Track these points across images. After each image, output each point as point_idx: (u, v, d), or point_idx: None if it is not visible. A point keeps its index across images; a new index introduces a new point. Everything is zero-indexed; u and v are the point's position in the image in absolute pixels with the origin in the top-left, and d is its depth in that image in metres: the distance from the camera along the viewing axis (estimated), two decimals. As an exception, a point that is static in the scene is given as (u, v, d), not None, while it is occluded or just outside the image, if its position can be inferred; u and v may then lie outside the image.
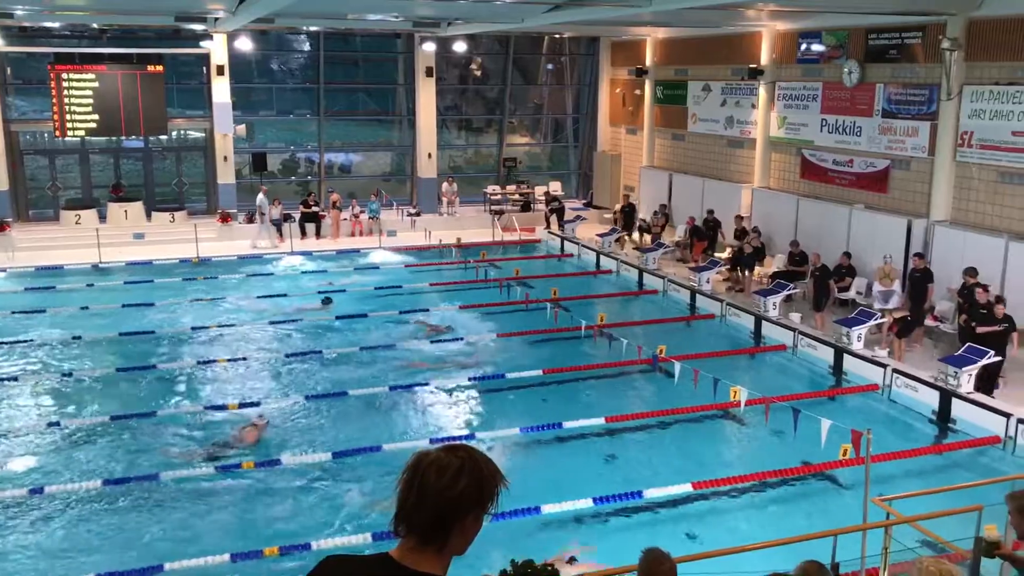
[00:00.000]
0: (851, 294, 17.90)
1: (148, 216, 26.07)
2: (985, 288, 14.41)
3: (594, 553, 9.21)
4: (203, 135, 27.69)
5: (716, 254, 21.79)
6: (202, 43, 25.50)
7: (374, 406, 13.77)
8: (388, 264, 23.44)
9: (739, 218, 21.64)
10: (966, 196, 16.90)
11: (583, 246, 24.52)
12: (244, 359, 15.88)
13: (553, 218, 26.84)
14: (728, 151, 24.01)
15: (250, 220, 26.12)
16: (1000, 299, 13.61)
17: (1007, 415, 12.44)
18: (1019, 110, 15.63)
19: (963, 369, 13.25)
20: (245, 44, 25.99)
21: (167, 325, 17.81)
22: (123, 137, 26.56)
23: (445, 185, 28.37)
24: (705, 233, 22.48)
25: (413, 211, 27.61)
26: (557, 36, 29.73)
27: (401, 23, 24.24)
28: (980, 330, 13.64)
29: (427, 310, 18.97)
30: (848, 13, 18.29)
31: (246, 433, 12.45)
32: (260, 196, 25.34)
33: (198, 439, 12.58)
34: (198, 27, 23.64)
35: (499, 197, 29.01)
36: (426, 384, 14.61)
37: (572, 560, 8.97)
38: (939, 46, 16.52)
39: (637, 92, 28.08)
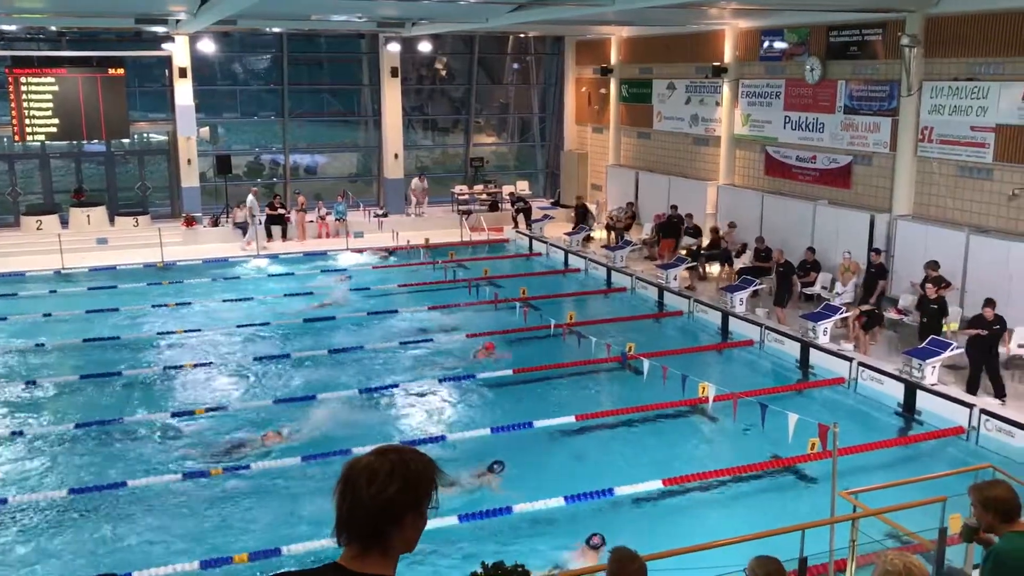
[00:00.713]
0: (816, 289, 18.08)
1: (111, 221, 25.75)
2: (939, 286, 14.60)
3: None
4: (166, 138, 27.40)
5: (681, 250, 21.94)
6: (164, 45, 25.22)
7: (344, 408, 13.70)
8: (357, 265, 23.35)
9: (728, 224, 21.81)
10: (927, 191, 17.14)
11: (551, 245, 24.57)
12: (210, 363, 15.74)
13: (520, 218, 26.86)
14: (693, 149, 24.16)
15: (214, 223, 25.91)
16: (990, 301, 13.40)
17: (970, 406, 12.63)
18: (977, 105, 15.87)
19: (927, 361, 13.44)
20: (208, 46, 25.73)
21: (133, 330, 17.60)
22: (84, 141, 26.23)
23: (415, 182, 28.25)
24: (672, 230, 22.60)
25: (380, 212, 27.52)
26: (522, 36, 29.76)
27: (365, 24, 24.14)
28: (964, 333, 13.70)
29: (396, 311, 18.93)
30: (809, 10, 18.47)
31: (267, 439, 12.48)
32: (250, 197, 25.47)
33: (202, 443, 12.52)
34: (159, 29, 23.39)
35: (467, 197, 28.98)
36: (396, 386, 14.56)
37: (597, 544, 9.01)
38: (898, 43, 16.73)
39: (602, 91, 28.18)
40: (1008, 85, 15.31)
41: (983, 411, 12.46)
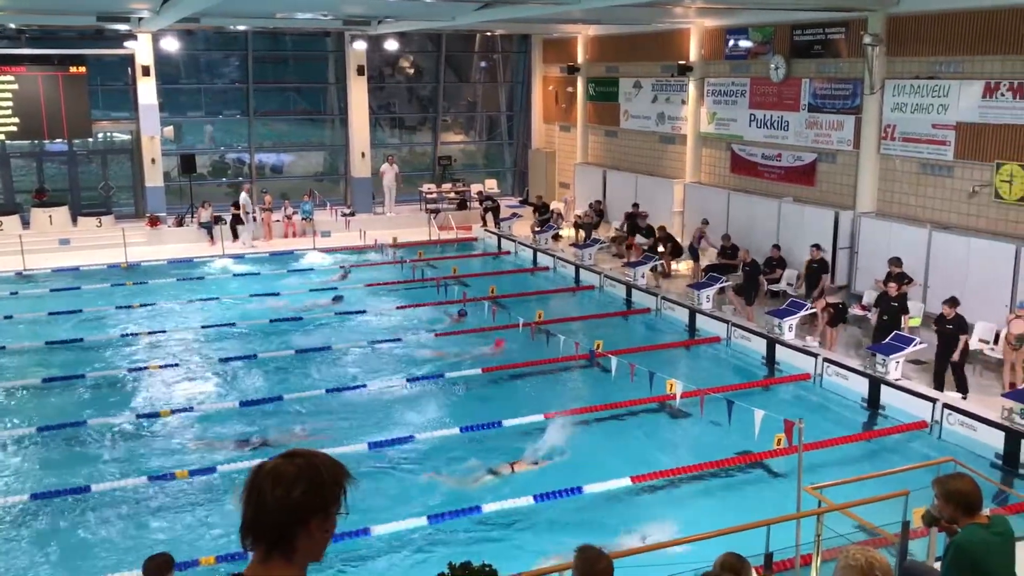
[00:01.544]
0: (782, 285, 18.24)
1: (74, 221, 25.40)
2: (901, 283, 14.80)
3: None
4: (129, 137, 27.08)
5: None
6: (126, 43, 24.91)
7: (311, 410, 13.62)
8: (322, 266, 23.22)
9: (701, 221, 21.89)
10: (890, 188, 17.34)
11: (520, 243, 24.58)
12: (176, 364, 15.58)
13: (489, 216, 26.84)
14: (660, 147, 24.27)
15: (179, 223, 25.65)
16: (950, 300, 13.51)
17: (933, 400, 12.81)
18: (939, 103, 16.08)
19: (891, 356, 13.60)
20: (171, 44, 25.47)
21: (97, 332, 17.36)
22: (46, 140, 25.86)
23: (386, 166, 28.06)
24: (639, 228, 22.69)
25: (347, 211, 27.38)
26: (489, 34, 29.75)
27: (331, 22, 24.01)
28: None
29: (364, 311, 18.86)
30: (773, 9, 18.62)
31: (291, 436, 12.61)
32: (243, 195, 25.44)
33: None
34: (121, 27, 23.09)
35: (435, 196, 28.92)
36: (364, 386, 14.49)
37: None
38: (861, 41, 16.91)
39: (569, 89, 28.23)
40: (968, 83, 15.53)
41: (946, 405, 12.63)
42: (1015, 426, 11.71)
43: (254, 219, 25.47)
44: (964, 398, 13.05)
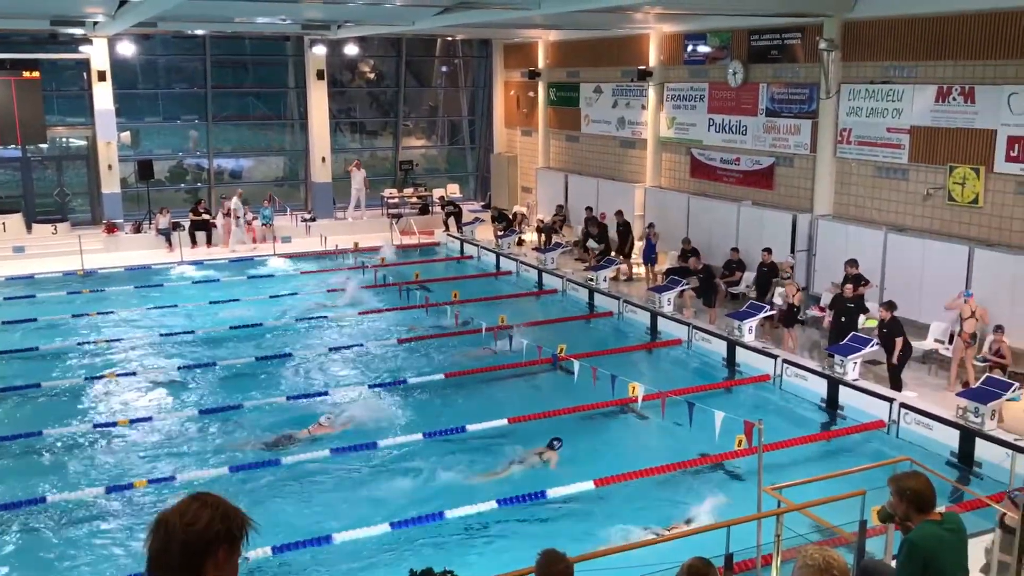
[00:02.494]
0: (741, 288, 18.42)
1: (28, 228, 24.96)
2: (858, 284, 15.04)
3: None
4: (85, 143, 26.68)
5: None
6: (81, 48, 24.55)
7: (272, 418, 13.50)
8: (282, 271, 23.04)
9: (648, 225, 22.01)
10: (847, 191, 17.58)
11: (483, 248, 24.58)
12: (134, 374, 15.37)
13: (451, 221, 26.81)
14: (621, 151, 24.40)
15: (137, 230, 25.34)
16: (888, 304, 13.92)
17: (890, 400, 13.01)
18: (893, 107, 16.34)
19: (848, 357, 13.79)
20: (127, 48, 25.15)
21: (53, 340, 17.08)
22: (-2, 146, 25.42)
23: (353, 169, 27.95)
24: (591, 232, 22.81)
25: (308, 216, 27.21)
26: (449, 38, 29.73)
27: (290, 26, 23.87)
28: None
29: (325, 316, 18.74)
30: (730, 15, 18.81)
31: (316, 430, 12.78)
32: (235, 200, 25.35)
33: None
34: (76, 31, 22.78)
35: (397, 200, 28.84)
36: (326, 393, 14.40)
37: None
38: (817, 47, 17.14)
39: (531, 94, 28.30)
40: (921, 88, 15.80)
41: (903, 405, 12.83)
42: (969, 425, 11.93)
43: (247, 223, 25.34)
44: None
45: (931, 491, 5.14)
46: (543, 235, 24.47)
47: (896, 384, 13.52)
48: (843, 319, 14.76)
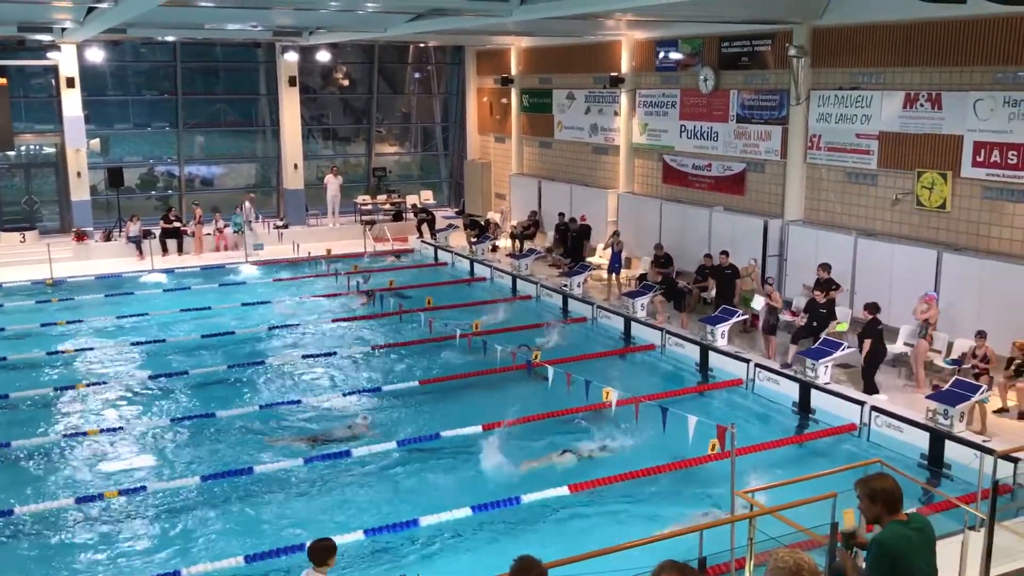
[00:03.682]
0: (712, 293, 18.47)
1: (-5, 236, 24.70)
2: (829, 289, 15.20)
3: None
4: (54, 150, 26.39)
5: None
6: (49, 54, 24.31)
7: (244, 427, 13.41)
8: (254, 279, 22.90)
9: (612, 233, 22.03)
10: (817, 196, 17.74)
11: (456, 254, 24.57)
12: (104, 383, 15.20)
13: (424, 228, 26.76)
14: (594, 157, 24.49)
15: (107, 238, 25.10)
16: (868, 306, 14.18)
17: (861, 403, 13.12)
18: (862, 113, 16.52)
19: (820, 361, 13.90)
20: (97, 55, 24.93)
21: (21, 350, 16.86)
22: (-35, 154, 25.09)
23: (330, 177, 27.85)
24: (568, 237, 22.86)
25: (280, 223, 27.06)
26: (422, 45, 29.72)
27: (261, 32, 23.75)
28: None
29: (298, 324, 18.65)
30: (701, 22, 18.93)
31: (354, 430, 13.02)
32: (246, 203, 25.49)
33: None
34: (44, 37, 22.55)
35: (370, 207, 28.76)
36: (298, 402, 14.32)
37: None
38: (787, 53, 17.30)
39: (504, 101, 28.34)
40: (889, 94, 15.99)
41: (874, 408, 12.95)
42: (939, 427, 12.06)
43: (251, 229, 25.28)
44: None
45: (900, 491, 5.21)
46: (516, 241, 24.49)
47: (870, 388, 13.63)
48: (815, 323, 14.90)
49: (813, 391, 13.81)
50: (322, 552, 7.03)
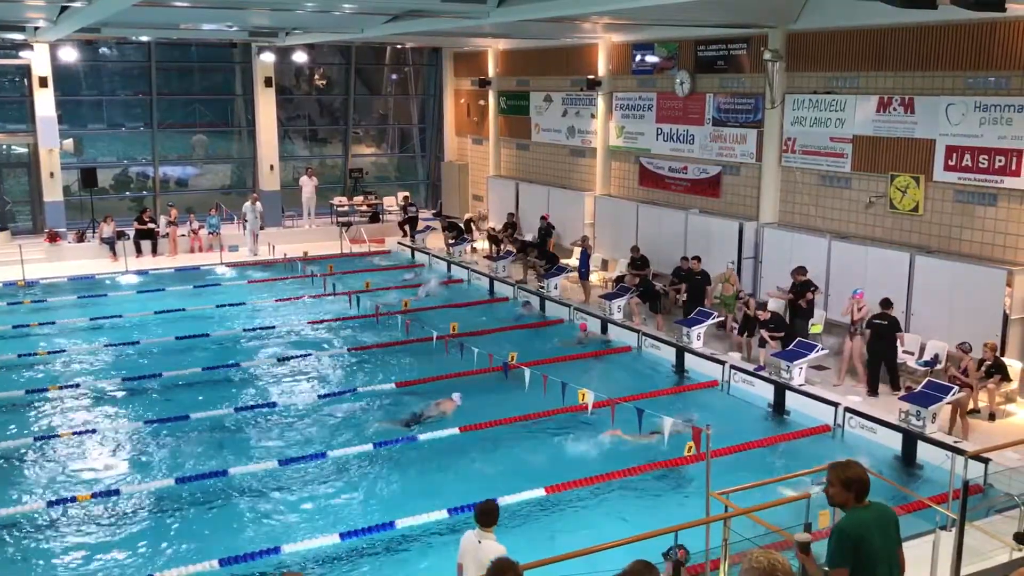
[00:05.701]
0: (684, 297, 18.54)
1: (-34, 237, 24.41)
2: (806, 291, 15.36)
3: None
4: (27, 150, 26.12)
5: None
6: (21, 53, 24.06)
7: (220, 428, 13.34)
8: (230, 281, 22.75)
9: (581, 238, 22.04)
10: (792, 199, 17.87)
11: (434, 256, 24.54)
12: (76, 385, 15.05)
13: (407, 227, 26.69)
14: (571, 160, 24.54)
15: (80, 239, 24.87)
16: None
17: (835, 404, 13.24)
18: (836, 117, 16.66)
19: (795, 363, 14.01)
20: (70, 54, 24.70)
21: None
22: (-65, 153, 24.80)
23: (304, 179, 27.72)
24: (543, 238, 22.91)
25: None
26: (399, 46, 29.67)
27: (236, 33, 23.62)
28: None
29: (274, 326, 18.57)
30: (677, 26, 19.02)
31: (443, 406, 13.57)
32: (247, 204, 25.19)
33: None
34: (16, 36, 22.31)
35: (346, 208, 28.67)
36: (275, 404, 14.25)
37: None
38: (762, 57, 17.43)
39: (481, 103, 28.35)
40: (863, 98, 16.13)
41: (847, 409, 13.07)
42: (911, 428, 12.18)
43: (253, 233, 25.09)
44: (862, 399, 13.54)
45: (869, 480, 5.40)
46: (493, 244, 24.49)
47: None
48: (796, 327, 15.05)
49: (788, 392, 13.92)
50: (491, 514, 7.13)
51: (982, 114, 14.14)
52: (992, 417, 12.87)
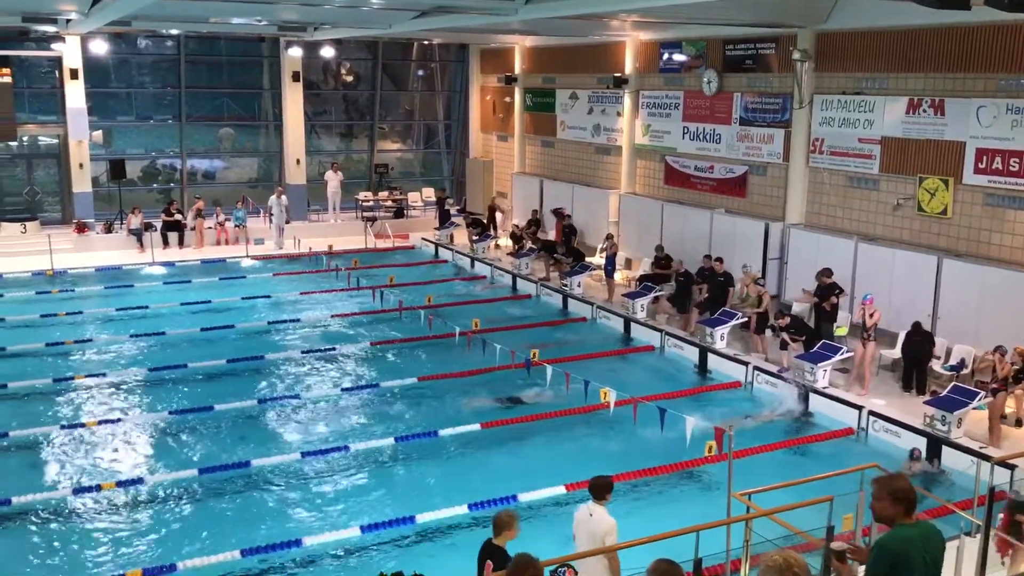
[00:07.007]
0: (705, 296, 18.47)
1: (-3, 227, 24.70)
2: (831, 293, 15.25)
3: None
4: (56, 141, 26.40)
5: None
6: (53, 45, 24.31)
7: (243, 420, 13.43)
8: (256, 273, 22.91)
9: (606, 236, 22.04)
10: (818, 200, 17.75)
11: (457, 252, 24.58)
12: (103, 375, 15.20)
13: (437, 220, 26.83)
14: (596, 158, 24.50)
15: (108, 230, 25.12)
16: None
17: (859, 407, 13.15)
18: (864, 118, 16.52)
19: (819, 365, 13.93)
20: (100, 47, 24.93)
21: (21, 341, 16.86)
22: (-33, 144, 25.09)
23: (330, 173, 27.87)
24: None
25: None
26: (426, 42, 29.71)
27: (265, 27, 23.75)
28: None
29: (298, 319, 18.68)
30: (705, 24, 18.94)
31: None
32: (272, 198, 25.25)
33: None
34: (48, 29, 22.54)
35: (371, 203, 28.78)
36: (297, 396, 14.34)
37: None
38: (791, 57, 17.31)
39: (507, 99, 28.34)
40: (892, 100, 15.99)
41: (871, 412, 12.98)
42: (936, 432, 12.07)
43: (279, 227, 25.19)
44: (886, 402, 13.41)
45: (916, 494, 5.21)
46: (515, 242, 24.49)
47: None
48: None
49: (812, 394, 13.83)
50: (603, 488, 7.67)
51: (1014, 117, 13.97)
52: (1019, 423, 12.73)
